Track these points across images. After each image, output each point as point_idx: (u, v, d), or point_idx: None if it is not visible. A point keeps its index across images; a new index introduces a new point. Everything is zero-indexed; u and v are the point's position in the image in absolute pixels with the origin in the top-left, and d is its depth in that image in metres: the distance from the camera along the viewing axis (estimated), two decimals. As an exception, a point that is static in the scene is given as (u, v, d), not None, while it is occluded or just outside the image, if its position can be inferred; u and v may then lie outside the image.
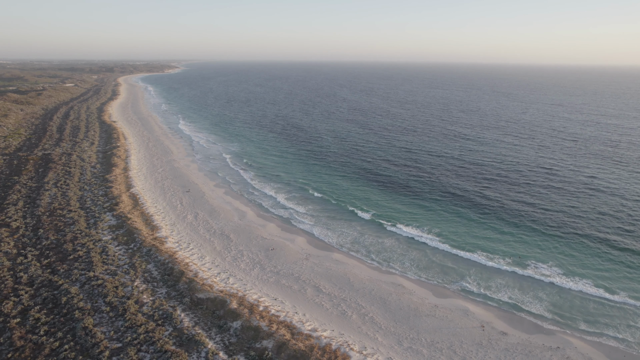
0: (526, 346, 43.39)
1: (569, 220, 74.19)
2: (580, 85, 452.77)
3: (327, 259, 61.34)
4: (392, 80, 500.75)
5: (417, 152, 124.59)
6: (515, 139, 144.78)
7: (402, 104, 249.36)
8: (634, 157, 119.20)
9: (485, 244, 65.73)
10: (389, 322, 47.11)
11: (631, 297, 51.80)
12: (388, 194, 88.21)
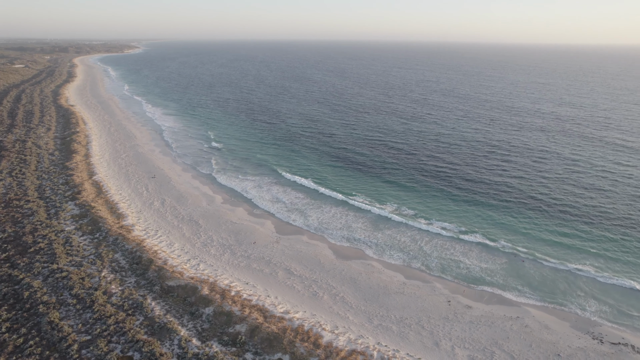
0: (489, 317, 45.60)
1: (523, 196, 77.52)
2: (537, 64, 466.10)
3: (298, 241, 61.83)
4: (362, 60, 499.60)
5: (388, 133, 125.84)
6: (468, 114, 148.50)
7: (368, 84, 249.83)
8: (579, 132, 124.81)
9: (453, 224, 67.82)
10: (360, 301, 48.32)
11: (580, 268, 55.06)
12: (358, 175, 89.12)
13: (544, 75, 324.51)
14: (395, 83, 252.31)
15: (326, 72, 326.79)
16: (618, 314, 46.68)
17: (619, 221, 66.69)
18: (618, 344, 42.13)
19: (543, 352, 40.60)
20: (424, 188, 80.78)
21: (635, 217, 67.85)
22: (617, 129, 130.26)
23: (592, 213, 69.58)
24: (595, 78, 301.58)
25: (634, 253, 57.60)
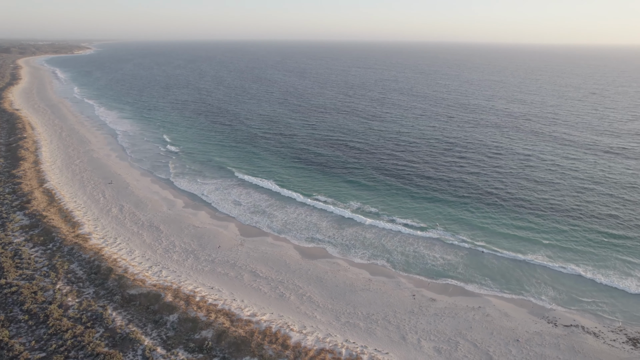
0: (452, 309, 47.03)
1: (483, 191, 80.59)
2: (490, 62, 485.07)
3: (263, 243, 61.38)
4: (322, 60, 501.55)
5: (349, 132, 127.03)
6: (426, 113, 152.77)
7: (329, 84, 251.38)
8: (528, 128, 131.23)
9: (414, 221, 69.37)
10: (327, 300, 48.57)
11: (534, 258, 57.84)
12: (320, 175, 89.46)
13: (496, 73, 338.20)
14: (355, 82, 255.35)
15: (286, 72, 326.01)
16: (569, 299, 49.33)
17: (567, 212, 70.40)
18: (570, 325, 44.58)
19: (503, 339, 42.33)
20: (385, 186, 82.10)
21: (583, 209, 71.86)
22: (564, 124, 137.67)
23: (543, 205, 73.09)
24: (543, 76, 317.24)
25: (582, 242, 60.93)
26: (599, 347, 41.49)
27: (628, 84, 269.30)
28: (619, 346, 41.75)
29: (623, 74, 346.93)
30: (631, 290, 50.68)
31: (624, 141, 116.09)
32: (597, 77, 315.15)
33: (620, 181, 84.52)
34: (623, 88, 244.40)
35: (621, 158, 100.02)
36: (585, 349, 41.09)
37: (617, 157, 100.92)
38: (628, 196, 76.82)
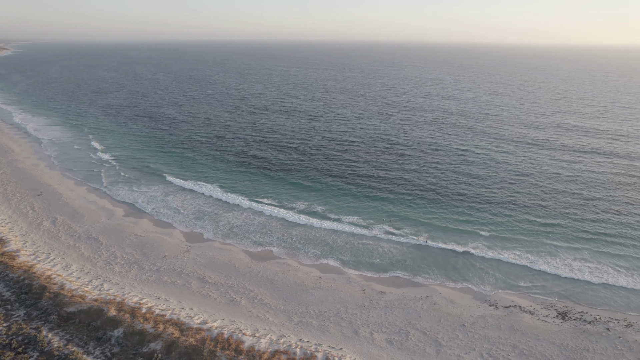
0: (401, 300, 48.54)
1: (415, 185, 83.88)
2: (425, 61, 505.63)
3: (210, 248, 59.92)
4: (264, 61, 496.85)
5: (292, 133, 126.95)
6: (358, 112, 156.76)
7: (271, 84, 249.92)
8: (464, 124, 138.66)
9: (360, 219, 70.73)
10: (278, 301, 48.33)
11: (474, 249, 61.19)
12: (264, 178, 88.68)
13: (432, 70, 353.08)
14: (297, 82, 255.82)
15: (226, 73, 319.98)
16: (507, 283, 52.65)
17: (502, 204, 74.65)
18: (509, 307, 47.58)
19: (450, 325, 44.32)
20: (329, 187, 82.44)
21: (515, 199, 76.64)
22: (495, 119, 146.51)
23: (480, 198, 77.14)
24: (475, 73, 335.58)
25: (515, 231, 64.87)
26: (534, 323, 44.62)
27: (548, 80, 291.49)
28: (550, 321, 45.16)
29: (543, 71, 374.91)
30: (560, 273, 55.01)
31: (547, 133, 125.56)
32: (523, 74, 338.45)
33: (546, 172, 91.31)
34: (544, 84, 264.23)
35: (546, 150, 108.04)
36: (523, 326, 44.02)
37: (542, 149, 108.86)
38: (553, 185, 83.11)
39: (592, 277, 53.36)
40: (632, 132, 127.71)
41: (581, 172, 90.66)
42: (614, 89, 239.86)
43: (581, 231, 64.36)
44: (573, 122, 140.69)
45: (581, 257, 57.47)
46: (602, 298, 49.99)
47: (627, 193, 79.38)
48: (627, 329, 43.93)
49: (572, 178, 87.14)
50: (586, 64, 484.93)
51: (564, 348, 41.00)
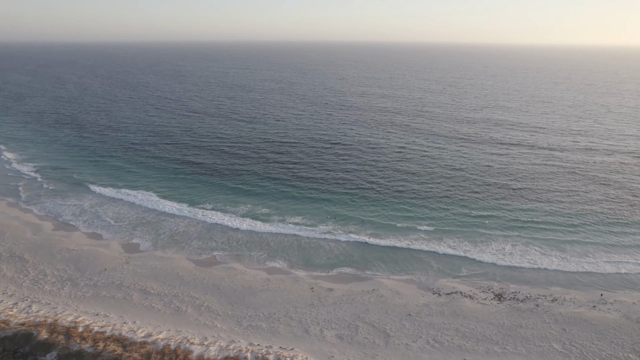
0: (349, 295, 49.34)
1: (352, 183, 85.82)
2: (362, 60, 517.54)
3: (151, 258, 57.41)
4: (200, 62, 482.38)
5: (231, 136, 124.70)
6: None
7: (208, 86, 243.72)
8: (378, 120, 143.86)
9: (304, 220, 70.97)
10: (226, 307, 47.31)
11: (416, 242, 63.63)
12: (203, 184, 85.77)
13: (368, 69, 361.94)
14: (235, 83, 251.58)
15: (160, 75, 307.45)
16: (448, 272, 55.35)
17: (440, 198, 78.02)
18: (451, 293, 49.97)
19: (397, 315, 45.72)
20: (271, 190, 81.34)
21: (451, 193, 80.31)
22: (429, 115, 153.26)
23: (418, 193, 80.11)
24: (409, 71, 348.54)
25: (453, 223, 67.98)
26: (474, 307, 47.20)
27: (476, 77, 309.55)
28: (488, 303, 48.02)
29: (472, 68, 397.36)
30: (495, 259, 58.78)
31: (477, 128, 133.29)
32: (453, 71, 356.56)
33: (478, 165, 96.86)
34: (472, 80, 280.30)
35: (476, 144, 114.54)
36: (464, 311, 46.40)
37: (473, 143, 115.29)
38: (485, 178, 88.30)
39: (523, 261, 57.44)
40: (549, 125, 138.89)
41: (509, 164, 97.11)
42: (532, 85, 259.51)
43: (512, 220, 68.73)
44: (499, 117, 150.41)
45: (513, 243, 61.59)
46: (531, 278, 53.94)
47: (549, 182, 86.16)
48: (553, 304, 47.74)
49: (501, 170, 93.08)
50: (510, 62, 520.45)
51: (501, 327, 43.74)
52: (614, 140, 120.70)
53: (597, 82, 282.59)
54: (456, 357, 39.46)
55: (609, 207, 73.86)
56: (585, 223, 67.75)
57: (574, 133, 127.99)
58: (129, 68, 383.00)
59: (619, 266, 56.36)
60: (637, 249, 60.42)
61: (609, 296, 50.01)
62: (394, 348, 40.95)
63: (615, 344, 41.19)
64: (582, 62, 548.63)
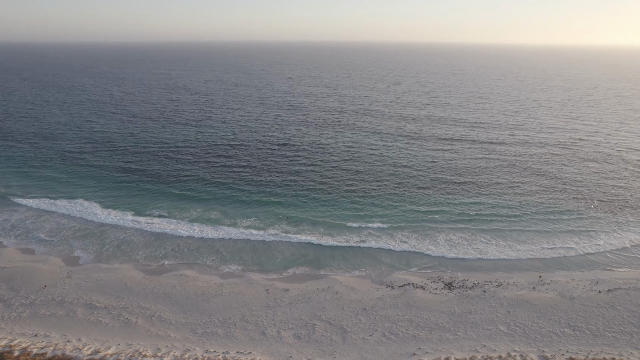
0: (305, 294, 49.38)
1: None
2: (308, 60, 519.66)
3: (96, 270, 54.42)
4: (142, 63, 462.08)
5: (176, 140, 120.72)
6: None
7: (151, 88, 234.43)
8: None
9: (254, 223, 70.20)
10: (179, 315, 45.81)
11: (368, 238, 64.89)
12: (148, 191, 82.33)
13: (314, 69, 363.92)
14: (179, 86, 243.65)
15: (97, 78, 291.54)
16: (400, 266, 56.90)
17: (389, 196, 79.45)
18: (403, 285, 51.39)
19: (353, 310, 46.34)
20: (220, 195, 79.20)
21: (400, 190, 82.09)
22: (375, 113, 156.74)
23: (368, 192, 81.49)
24: (355, 70, 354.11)
25: (402, 219, 69.49)
26: (426, 297, 48.83)
27: (418, 75, 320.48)
28: (439, 292, 49.86)
29: (414, 66, 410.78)
30: (445, 251, 61.06)
31: (422, 125, 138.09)
32: (398, 70, 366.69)
33: (424, 160, 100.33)
34: (415, 78, 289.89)
35: (421, 140, 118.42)
36: (417, 301, 47.88)
37: (418, 140, 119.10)
38: (431, 174, 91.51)
39: (470, 251, 60.27)
40: (488, 120, 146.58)
41: (453, 160, 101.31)
42: (471, 82, 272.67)
43: (459, 213, 71.49)
44: (442, 114, 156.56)
45: (461, 235, 64.32)
46: (478, 267, 56.70)
47: (491, 175, 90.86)
48: (498, 289, 50.43)
49: (446, 165, 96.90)
50: (449, 60, 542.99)
51: (452, 314, 45.56)
52: (545, 133, 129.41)
53: (528, 79, 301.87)
54: (411, 347, 40.62)
55: (545, 196, 79.02)
56: (526, 213, 71.94)
57: (511, 127, 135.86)
58: (62, 71, 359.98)
59: (555, 250, 60.52)
60: (570, 234, 65.22)
61: (546, 277, 53.57)
62: (351, 343, 41.48)
63: (553, 321, 44.18)
64: (515, 60, 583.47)
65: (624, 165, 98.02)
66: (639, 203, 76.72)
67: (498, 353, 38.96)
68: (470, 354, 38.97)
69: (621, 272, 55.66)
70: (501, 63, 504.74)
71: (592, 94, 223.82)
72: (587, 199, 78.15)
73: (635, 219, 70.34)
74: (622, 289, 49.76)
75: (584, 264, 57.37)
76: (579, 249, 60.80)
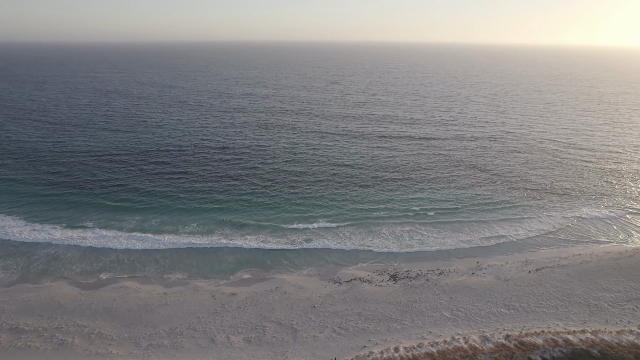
0: (253, 297, 48.72)
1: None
2: (246, 60, 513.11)
3: (21, 290, 50.18)
4: (64, 65, 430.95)
5: (106, 147, 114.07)
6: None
7: (76, 91, 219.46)
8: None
9: (194, 228, 68.23)
10: (121, 330, 43.42)
11: (315, 238, 65.35)
12: (78, 204, 77.04)
13: (252, 69, 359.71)
14: (108, 89, 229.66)
15: (12, 82, 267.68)
16: (347, 263, 57.83)
17: (333, 195, 79.80)
18: (350, 280, 52.30)
19: (303, 309, 46.40)
20: (157, 203, 74.68)
21: (343, 189, 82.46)
22: (314, 114, 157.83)
23: (312, 192, 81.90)
24: (293, 69, 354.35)
25: (347, 218, 70.13)
26: (373, 290, 50.02)
27: (356, 73, 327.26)
28: (385, 284, 51.28)
29: (351, 65, 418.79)
30: (390, 246, 62.86)
31: (361, 123, 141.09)
32: (335, 69, 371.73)
33: (364, 158, 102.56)
34: (353, 77, 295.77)
35: (361, 139, 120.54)
36: (364, 295, 48.88)
37: (358, 139, 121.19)
38: (373, 172, 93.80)
39: (413, 243, 62.66)
40: (423, 116, 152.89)
41: (392, 157, 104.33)
42: (406, 79, 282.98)
43: (402, 209, 73.21)
44: (379, 112, 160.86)
45: (404, 229, 66.16)
46: (422, 257, 59.09)
47: (429, 170, 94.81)
48: (440, 276, 52.80)
49: (386, 162, 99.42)
50: (385, 59, 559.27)
51: (399, 305, 47.01)
52: (476, 127, 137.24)
53: (459, 75, 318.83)
54: (361, 340, 41.40)
55: (480, 188, 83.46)
56: (464, 205, 75.26)
57: (445, 122, 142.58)
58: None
59: (491, 239, 64.38)
60: (504, 222, 69.57)
61: (483, 262, 56.92)
62: (302, 342, 41.51)
63: (491, 302, 47.01)
64: (446, 57, 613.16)
65: (545, 155, 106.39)
66: (558, 189, 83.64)
67: (443, 338, 40.75)
68: (417, 341, 40.42)
69: (546, 251, 60.52)
70: (433, 60, 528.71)
71: (515, 89, 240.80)
72: (516, 188, 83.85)
73: (557, 204, 76.64)
74: (547, 267, 54.01)
75: (516, 248, 61.65)
76: (511, 235, 65.15)
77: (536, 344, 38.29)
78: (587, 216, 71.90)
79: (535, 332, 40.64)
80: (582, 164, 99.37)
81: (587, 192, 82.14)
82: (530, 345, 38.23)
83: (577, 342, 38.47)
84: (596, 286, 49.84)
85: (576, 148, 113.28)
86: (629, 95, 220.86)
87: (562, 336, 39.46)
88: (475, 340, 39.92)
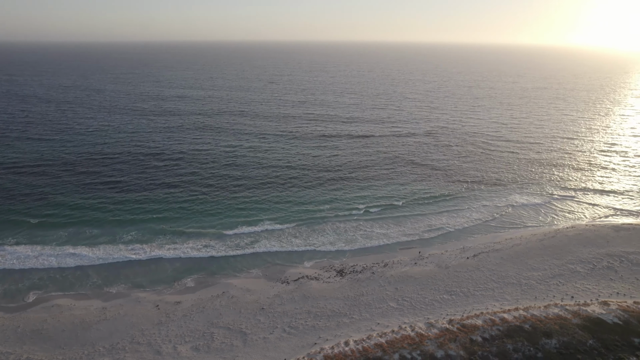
0: (199, 304, 47.28)
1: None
2: (185, 60, 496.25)
3: None
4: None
5: (23, 158, 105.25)
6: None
7: (5, 96, 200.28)
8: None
9: (135, 236, 65.13)
10: (54, 352, 40.30)
11: (252, 244, 64.71)
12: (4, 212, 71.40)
13: (187, 69, 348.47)
14: (26, 94, 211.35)
15: None
16: (293, 263, 57.97)
17: (276, 197, 79.48)
18: (298, 279, 52.34)
19: (251, 312, 45.74)
20: (88, 217, 69.01)
21: (286, 192, 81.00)
22: (253, 115, 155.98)
23: (255, 195, 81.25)
24: (228, 69, 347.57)
25: (292, 220, 70.04)
26: (321, 287, 50.40)
27: (294, 73, 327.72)
28: (332, 280, 51.88)
29: (288, 64, 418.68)
30: (337, 244, 63.60)
31: (301, 123, 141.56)
32: (272, 68, 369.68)
33: (306, 158, 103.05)
34: (291, 76, 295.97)
35: (302, 139, 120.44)
36: (312, 292, 49.13)
37: (298, 139, 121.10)
38: (316, 171, 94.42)
39: (357, 237, 64.17)
40: (361, 115, 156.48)
41: (334, 156, 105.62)
42: (343, 78, 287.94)
43: (346, 208, 74.00)
44: (319, 111, 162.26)
45: (349, 226, 67.53)
46: (367, 252, 60.56)
47: (371, 168, 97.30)
48: (385, 269, 54.33)
49: (329, 161, 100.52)
50: (325, 58, 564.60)
51: (347, 299, 47.75)
52: (412, 123, 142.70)
53: (393, 73, 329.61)
54: (312, 338, 41.56)
55: (420, 183, 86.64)
56: (407, 200, 77.52)
57: (383, 120, 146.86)
58: None
59: (432, 230, 67.11)
60: (443, 213, 72.95)
61: (425, 252, 59.31)
62: (252, 345, 40.92)
63: (434, 290, 49.12)
64: (381, 56, 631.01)
65: (477, 149, 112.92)
66: (490, 180, 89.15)
67: (391, 328, 41.95)
68: (366, 333, 41.29)
69: (482, 237, 64.31)
70: (370, 59, 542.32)
71: (446, 85, 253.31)
72: (452, 181, 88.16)
73: (491, 194, 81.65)
74: (483, 253, 57.41)
75: (454, 237, 64.91)
76: (450, 225, 68.46)
77: (476, 325, 40.56)
78: (517, 203, 77.26)
79: (475, 315, 43.04)
80: (509, 155, 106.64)
81: (515, 181, 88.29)
82: (471, 327, 40.43)
83: (512, 319, 41.28)
84: (526, 266, 53.71)
85: (503, 140, 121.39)
86: (545, 90, 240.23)
87: (499, 315, 42.13)
88: (421, 327, 41.51)
